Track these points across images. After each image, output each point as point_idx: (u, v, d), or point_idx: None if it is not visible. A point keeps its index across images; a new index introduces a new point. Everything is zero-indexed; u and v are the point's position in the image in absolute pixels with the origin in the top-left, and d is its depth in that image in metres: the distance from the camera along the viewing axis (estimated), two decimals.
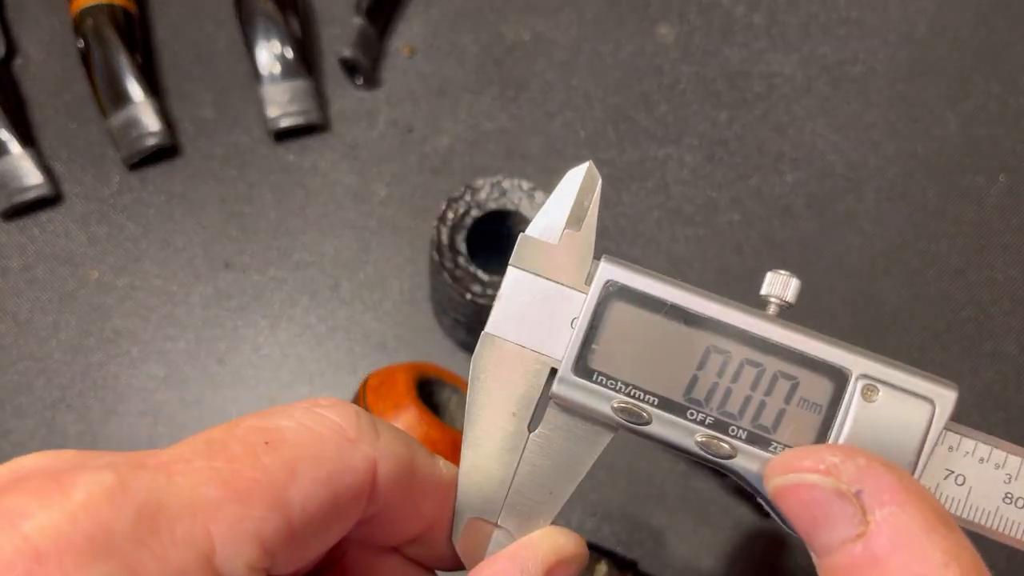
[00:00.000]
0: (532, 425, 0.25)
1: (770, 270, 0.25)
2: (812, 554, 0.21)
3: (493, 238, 0.42)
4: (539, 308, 0.25)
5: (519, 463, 0.25)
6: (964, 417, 0.24)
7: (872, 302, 0.47)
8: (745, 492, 0.42)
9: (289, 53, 0.49)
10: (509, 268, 0.26)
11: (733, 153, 0.51)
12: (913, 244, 0.49)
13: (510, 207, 0.40)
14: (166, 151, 0.49)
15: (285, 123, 0.48)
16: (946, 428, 0.24)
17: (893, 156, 0.52)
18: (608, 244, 0.48)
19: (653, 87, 0.53)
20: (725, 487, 0.43)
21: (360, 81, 0.51)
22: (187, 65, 0.51)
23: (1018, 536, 0.25)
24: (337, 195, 0.49)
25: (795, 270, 0.26)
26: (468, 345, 0.45)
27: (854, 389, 0.24)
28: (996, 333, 0.47)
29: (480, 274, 0.38)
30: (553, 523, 0.25)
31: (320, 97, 0.50)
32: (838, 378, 0.24)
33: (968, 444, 0.24)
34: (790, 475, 0.21)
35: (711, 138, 0.51)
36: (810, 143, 0.52)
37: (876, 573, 0.19)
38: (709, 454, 0.24)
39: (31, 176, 0.46)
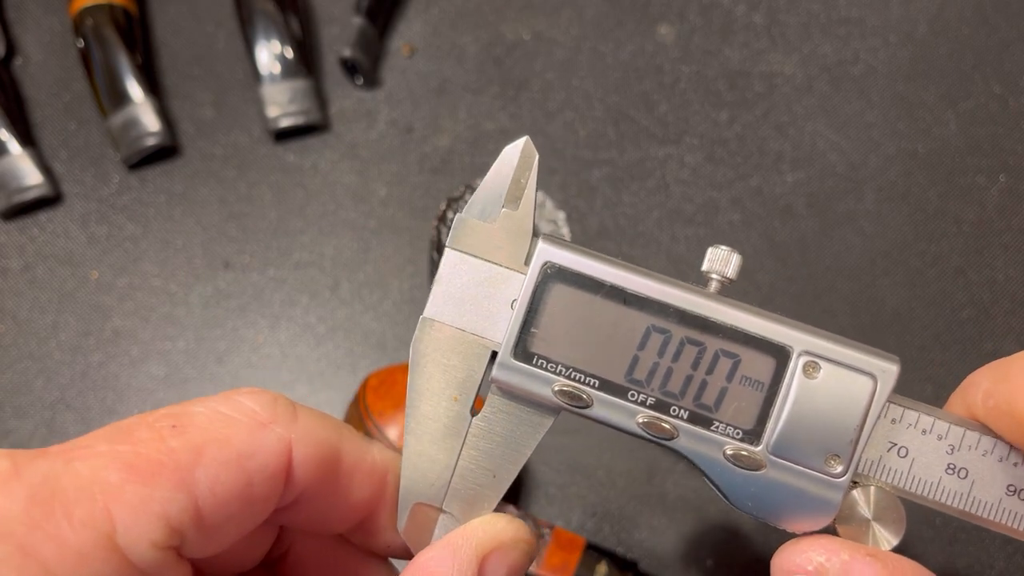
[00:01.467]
0: (474, 410, 0.24)
1: (710, 246, 0.25)
2: None
3: None
4: (477, 290, 0.24)
5: (462, 448, 0.25)
6: None
7: (872, 302, 0.47)
8: None
9: (289, 53, 0.49)
10: (446, 250, 0.25)
11: (733, 153, 0.51)
12: (913, 244, 0.49)
13: None
14: (166, 151, 0.49)
15: (285, 123, 0.48)
16: (889, 401, 0.24)
17: (893, 156, 0.52)
18: (608, 244, 0.48)
19: (653, 87, 0.53)
20: None
21: (360, 81, 0.51)
22: (187, 65, 0.51)
23: (958, 506, 0.25)
24: (337, 195, 0.49)
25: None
26: None
27: (796, 366, 0.23)
28: (996, 333, 0.47)
29: None
30: (499, 509, 0.25)
31: (320, 97, 0.50)
32: (780, 355, 0.24)
33: (911, 416, 0.24)
34: (797, 560, 0.21)
35: (711, 138, 0.51)
36: (810, 143, 0.52)
37: None
38: (651, 435, 0.24)
39: (31, 176, 0.46)
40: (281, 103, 0.48)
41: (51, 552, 0.18)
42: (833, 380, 0.24)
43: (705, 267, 0.25)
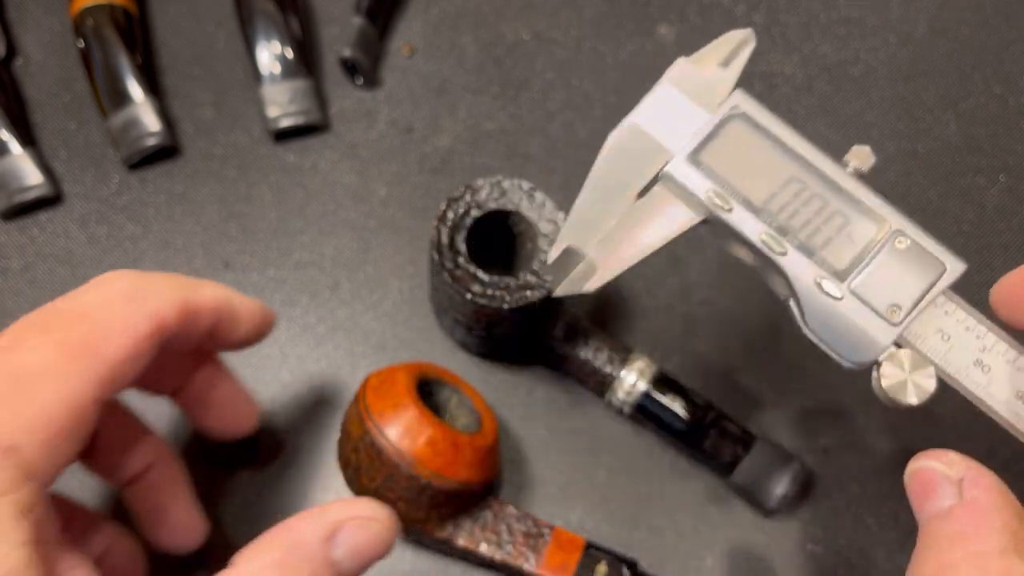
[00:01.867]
0: (639, 196, 0.32)
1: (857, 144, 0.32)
2: (919, 518, 0.28)
3: (493, 238, 0.42)
4: (673, 115, 0.32)
5: (620, 217, 0.32)
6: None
7: None
8: (746, 492, 0.42)
9: (289, 53, 0.49)
10: (664, 80, 0.33)
11: None
12: None
13: (510, 207, 0.40)
14: (166, 151, 0.49)
15: (285, 123, 0.48)
16: (948, 295, 0.31)
17: (893, 155, 0.52)
18: None
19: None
20: (726, 486, 0.43)
21: (360, 81, 0.51)
22: (187, 65, 0.51)
23: (975, 392, 0.30)
24: (337, 195, 0.49)
25: None
26: (468, 345, 0.45)
27: (891, 237, 0.31)
28: None
29: (480, 274, 0.38)
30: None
31: (320, 97, 0.50)
32: (880, 224, 0.31)
33: (960, 314, 0.31)
34: (922, 461, 0.28)
35: None
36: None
37: (956, 535, 0.25)
38: (767, 249, 0.30)
39: (31, 176, 0.46)
40: (281, 103, 0.48)
41: (37, 415, 0.26)
42: (914, 254, 0.31)
43: (847, 157, 0.32)
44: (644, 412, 0.42)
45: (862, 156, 0.31)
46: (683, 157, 0.31)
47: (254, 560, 0.26)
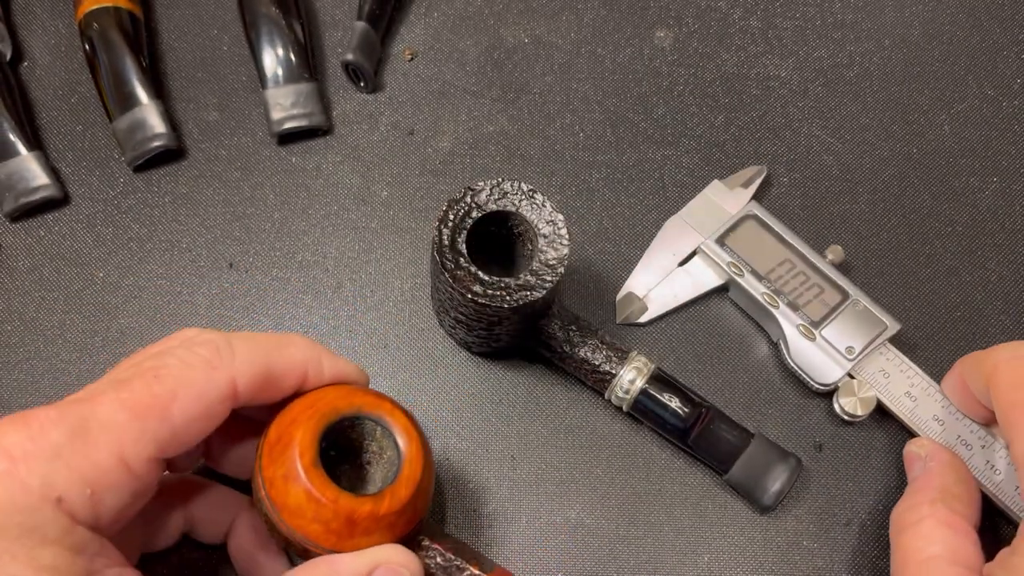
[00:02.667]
0: (680, 264, 0.48)
1: (833, 243, 0.48)
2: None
3: (494, 239, 0.42)
4: (706, 215, 0.48)
5: (665, 277, 0.47)
6: None
7: None
8: (743, 489, 0.42)
9: (292, 57, 0.49)
10: (704, 191, 0.49)
11: (730, 155, 0.52)
12: (907, 245, 0.50)
13: (510, 208, 0.40)
14: (171, 153, 0.49)
15: (289, 126, 0.49)
16: (887, 345, 0.45)
17: (887, 158, 0.52)
18: (607, 245, 0.49)
19: (651, 90, 0.53)
20: (722, 483, 0.44)
21: (362, 84, 0.52)
22: (192, 69, 0.52)
23: (906, 417, 0.44)
24: (340, 197, 0.49)
25: None
26: (469, 345, 0.45)
27: (851, 303, 0.45)
28: (989, 333, 0.48)
29: (481, 275, 0.39)
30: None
31: (323, 100, 0.51)
32: (844, 295, 0.46)
33: (896, 359, 0.45)
34: (908, 445, 0.43)
35: (708, 140, 0.52)
36: (805, 145, 0.52)
37: (914, 490, 0.40)
38: (766, 302, 0.45)
39: (38, 178, 0.47)
40: (285, 106, 0.49)
41: (85, 467, 0.27)
42: (865, 315, 0.45)
43: (826, 252, 0.47)
44: (642, 410, 0.43)
45: (836, 252, 0.47)
46: (713, 239, 0.47)
47: None
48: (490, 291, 0.39)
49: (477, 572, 0.36)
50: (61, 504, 0.27)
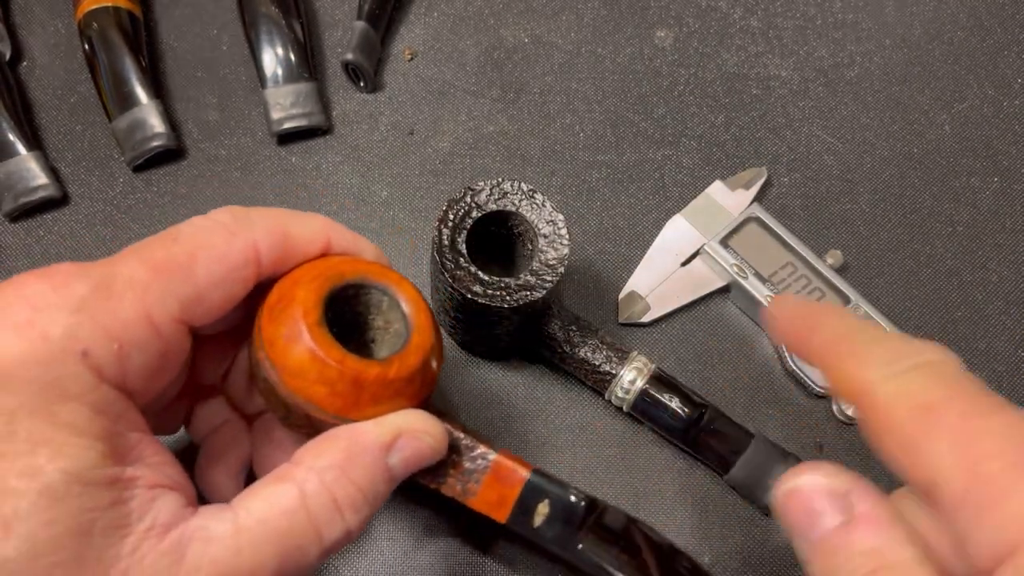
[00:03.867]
0: (682, 265, 0.48)
1: (833, 247, 0.49)
2: (803, 541, 0.25)
3: (494, 239, 0.42)
4: (708, 215, 0.48)
5: (668, 277, 0.47)
6: None
7: (866, 303, 0.47)
8: (743, 489, 0.42)
9: (292, 57, 0.49)
10: (705, 192, 0.49)
11: (730, 155, 0.52)
12: (907, 245, 0.50)
13: (510, 208, 0.40)
14: (171, 153, 0.49)
15: (288, 125, 0.49)
16: None
17: (888, 158, 0.52)
18: (607, 244, 0.49)
19: (651, 90, 0.53)
20: (723, 483, 0.44)
21: (362, 84, 0.52)
22: (191, 68, 0.52)
23: None
24: (339, 197, 0.49)
25: None
26: (469, 345, 0.45)
27: (851, 307, 0.46)
28: (990, 333, 0.48)
29: (481, 275, 0.39)
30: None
31: (323, 100, 0.51)
32: (844, 299, 0.46)
33: None
34: (800, 479, 0.25)
35: (708, 140, 0.52)
36: (806, 145, 0.52)
37: (870, 552, 0.23)
38: (768, 305, 0.43)
39: (37, 178, 0.47)
40: (284, 106, 0.49)
41: (110, 321, 0.26)
42: (866, 319, 0.45)
43: (826, 256, 0.47)
44: (643, 410, 0.43)
45: (836, 256, 0.47)
46: (717, 241, 0.47)
47: (320, 458, 0.28)
48: (490, 291, 0.39)
49: (488, 450, 0.33)
50: (86, 358, 0.25)
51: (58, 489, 0.24)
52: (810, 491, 0.25)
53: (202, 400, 0.36)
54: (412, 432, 0.30)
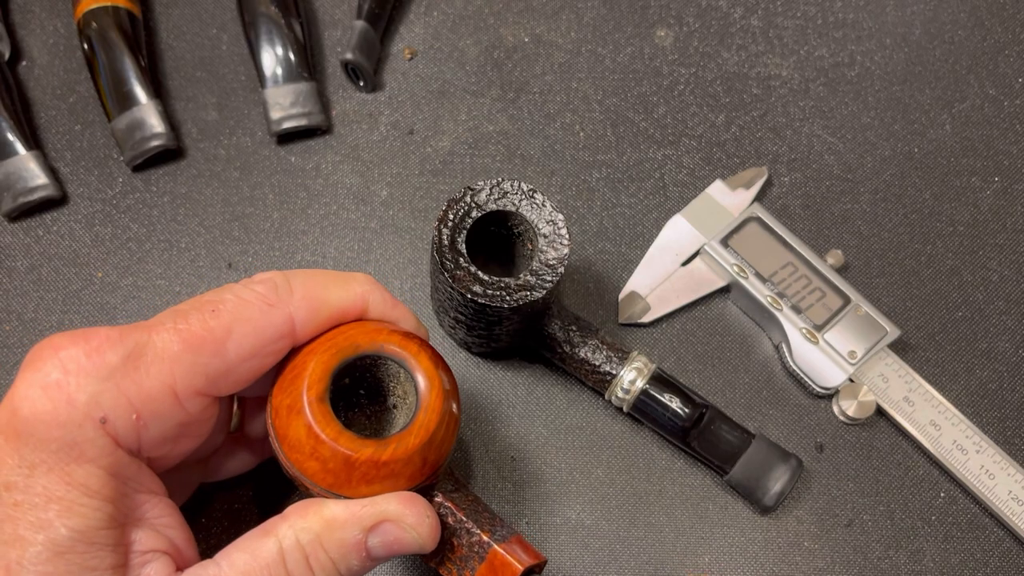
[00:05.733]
0: (683, 265, 0.47)
1: (835, 247, 0.49)
2: None
3: (493, 239, 0.42)
4: (708, 215, 0.48)
5: (668, 277, 0.47)
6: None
7: (867, 302, 0.47)
8: (743, 489, 0.42)
9: (292, 56, 0.49)
10: (705, 192, 0.49)
11: (731, 155, 0.52)
12: (908, 245, 0.50)
13: (510, 208, 0.40)
14: (170, 153, 0.49)
15: (288, 125, 0.49)
16: (887, 351, 0.45)
17: (889, 157, 0.52)
18: (607, 245, 0.49)
19: (651, 89, 0.53)
20: (723, 484, 0.44)
21: (362, 84, 0.51)
22: (191, 68, 0.52)
23: (900, 419, 0.45)
24: (339, 196, 0.49)
25: None
26: (469, 345, 0.45)
27: (852, 307, 0.46)
28: (991, 332, 0.48)
29: (481, 275, 0.39)
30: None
31: (322, 100, 0.50)
32: (845, 299, 0.46)
33: (896, 364, 0.46)
34: None
35: (709, 140, 0.52)
36: (807, 145, 0.52)
37: None
38: (770, 304, 0.45)
39: (37, 178, 0.47)
40: (284, 106, 0.49)
41: (134, 392, 0.27)
42: (867, 320, 0.45)
43: (827, 256, 0.47)
44: (643, 410, 0.42)
45: (836, 256, 0.47)
46: (717, 240, 0.47)
47: (303, 519, 0.29)
48: (490, 291, 0.39)
49: (486, 540, 0.33)
50: (105, 424, 0.27)
51: (63, 544, 0.25)
52: None
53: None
54: (398, 521, 0.30)
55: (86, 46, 0.49)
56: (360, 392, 0.33)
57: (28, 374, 0.27)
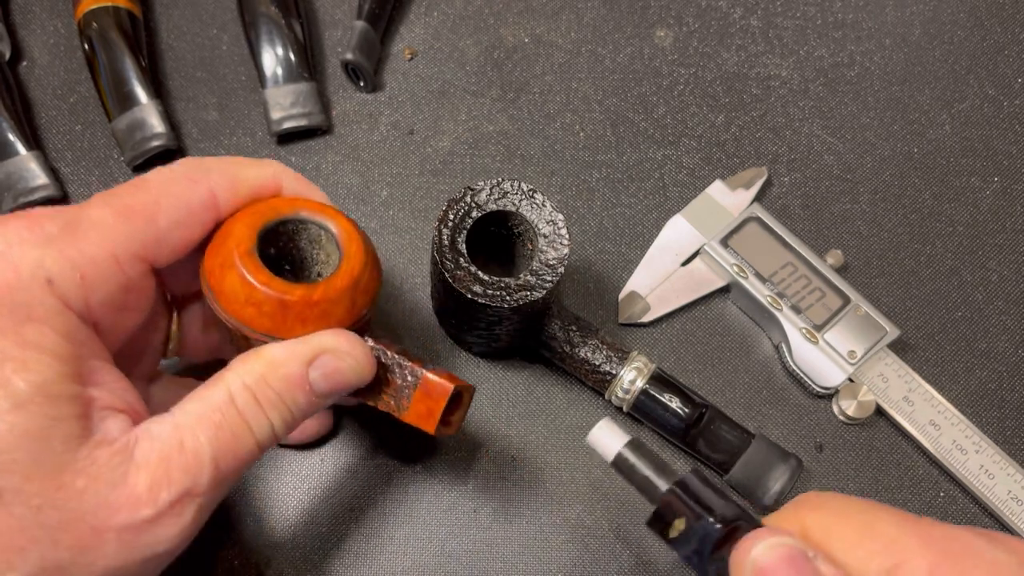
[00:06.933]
0: (682, 265, 0.48)
1: (834, 247, 0.49)
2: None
3: (493, 239, 0.42)
4: (708, 215, 0.48)
5: (668, 277, 0.47)
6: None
7: (867, 302, 0.47)
8: (743, 488, 0.42)
9: (292, 56, 0.49)
10: (705, 192, 0.49)
11: (731, 155, 0.52)
12: (908, 245, 0.50)
13: (510, 208, 0.40)
14: (170, 153, 0.49)
15: (288, 125, 0.49)
16: (886, 351, 0.45)
17: (888, 157, 0.52)
18: (607, 245, 0.49)
19: (651, 89, 0.53)
20: (723, 483, 0.44)
21: (362, 84, 0.51)
22: (191, 68, 0.52)
23: (899, 419, 0.45)
24: (339, 196, 0.49)
25: None
26: (469, 345, 0.45)
27: (852, 307, 0.46)
28: (990, 332, 0.48)
29: (481, 275, 0.39)
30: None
31: (323, 100, 0.50)
32: (845, 299, 0.46)
33: (896, 364, 0.46)
34: (775, 539, 0.27)
35: (708, 140, 0.52)
36: (806, 145, 0.52)
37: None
38: (769, 305, 0.46)
39: (37, 178, 0.47)
40: (284, 106, 0.49)
41: (77, 256, 0.29)
42: (866, 320, 0.45)
43: (827, 256, 0.47)
44: (642, 410, 0.43)
45: (836, 256, 0.47)
46: (717, 240, 0.47)
47: (246, 364, 0.31)
48: (490, 291, 0.39)
49: (418, 368, 0.35)
50: (51, 285, 0.28)
51: (22, 396, 0.26)
52: (793, 550, 0.26)
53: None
54: (334, 351, 0.32)
55: (87, 46, 0.49)
56: (285, 267, 0.36)
57: None
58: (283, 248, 0.35)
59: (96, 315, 0.30)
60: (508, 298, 0.39)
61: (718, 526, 0.29)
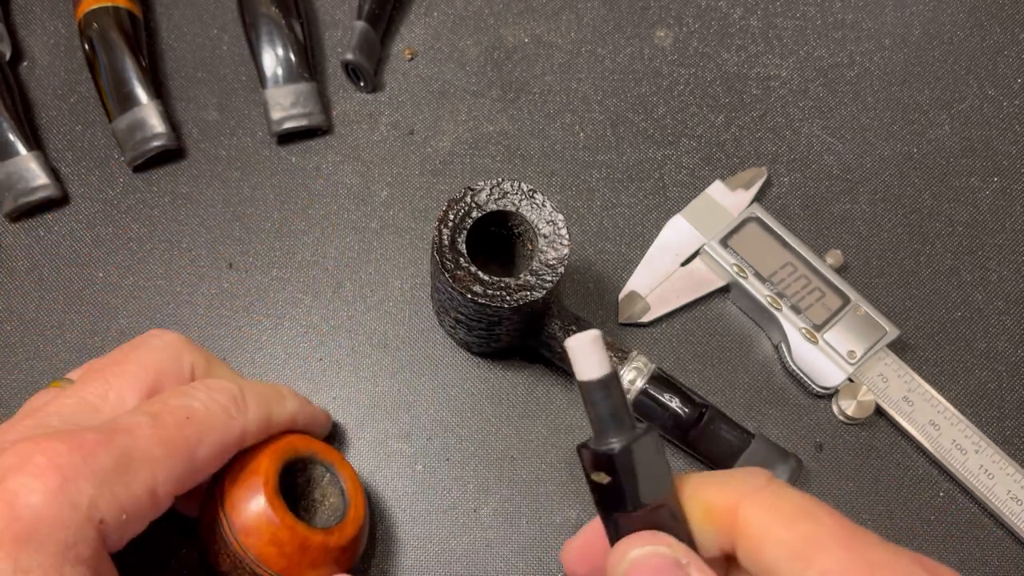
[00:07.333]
0: (682, 265, 0.48)
1: (834, 247, 0.49)
2: None
3: (493, 239, 0.42)
4: (708, 215, 0.48)
5: (668, 277, 0.47)
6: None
7: (867, 302, 0.47)
8: None
9: (292, 57, 0.49)
10: (704, 192, 0.49)
11: (730, 155, 0.52)
12: (907, 245, 0.50)
13: (510, 208, 0.40)
14: (171, 153, 0.49)
15: (288, 125, 0.49)
16: (886, 351, 0.46)
17: (888, 158, 0.52)
18: (607, 245, 0.49)
19: (651, 90, 0.53)
20: None
21: (362, 84, 0.52)
22: (191, 68, 0.52)
23: (898, 418, 0.45)
24: (339, 196, 0.49)
25: None
26: (468, 344, 0.45)
27: (851, 307, 0.46)
28: (990, 332, 0.48)
29: (481, 275, 0.39)
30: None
31: (323, 100, 0.51)
32: (844, 299, 0.46)
33: (895, 364, 0.46)
34: (646, 548, 0.27)
35: (708, 140, 0.52)
36: (806, 145, 0.52)
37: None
38: (768, 305, 0.46)
39: (38, 178, 0.47)
40: (284, 106, 0.49)
41: (125, 496, 0.29)
42: (866, 320, 0.46)
43: (826, 256, 0.47)
44: (642, 409, 0.43)
45: (836, 256, 0.47)
46: (717, 240, 0.47)
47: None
48: (490, 291, 0.39)
49: None
50: (102, 526, 0.28)
51: None
52: (660, 558, 0.26)
53: None
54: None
55: (87, 46, 0.49)
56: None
57: (26, 479, 0.27)
58: (282, 483, 0.36)
59: (120, 547, 0.30)
60: (508, 298, 0.39)
61: (628, 508, 0.29)
